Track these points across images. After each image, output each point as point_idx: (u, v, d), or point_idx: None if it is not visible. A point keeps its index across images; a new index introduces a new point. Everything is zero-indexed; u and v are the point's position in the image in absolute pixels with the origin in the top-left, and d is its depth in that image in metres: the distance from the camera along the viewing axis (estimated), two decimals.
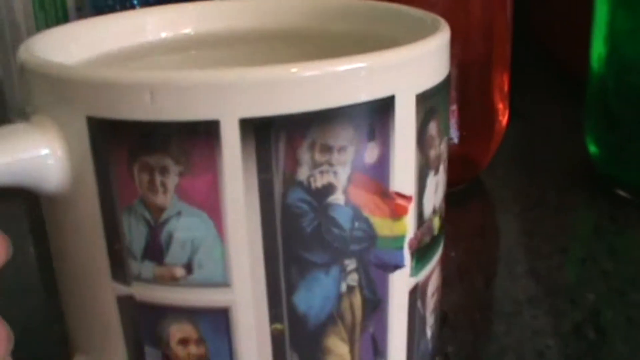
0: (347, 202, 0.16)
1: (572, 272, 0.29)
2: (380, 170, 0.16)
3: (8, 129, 0.15)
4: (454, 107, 0.33)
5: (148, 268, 0.16)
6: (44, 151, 0.15)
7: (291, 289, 0.16)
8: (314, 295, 0.16)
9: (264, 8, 0.22)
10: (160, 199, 0.15)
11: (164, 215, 0.15)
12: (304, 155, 0.15)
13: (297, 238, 0.16)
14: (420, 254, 0.18)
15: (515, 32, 0.35)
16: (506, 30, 0.34)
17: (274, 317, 0.16)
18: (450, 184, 0.35)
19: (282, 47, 0.22)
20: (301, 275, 0.16)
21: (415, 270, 0.18)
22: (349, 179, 0.16)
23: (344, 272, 0.17)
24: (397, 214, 0.17)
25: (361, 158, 0.16)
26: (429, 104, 0.17)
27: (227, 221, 0.15)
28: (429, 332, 0.19)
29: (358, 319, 0.17)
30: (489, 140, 0.35)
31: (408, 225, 0.17)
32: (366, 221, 0.16)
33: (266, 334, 0.16)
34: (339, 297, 0.17)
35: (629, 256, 0.30)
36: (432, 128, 0.17)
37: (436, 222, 0.18)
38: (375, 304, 0.17)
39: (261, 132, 0.14)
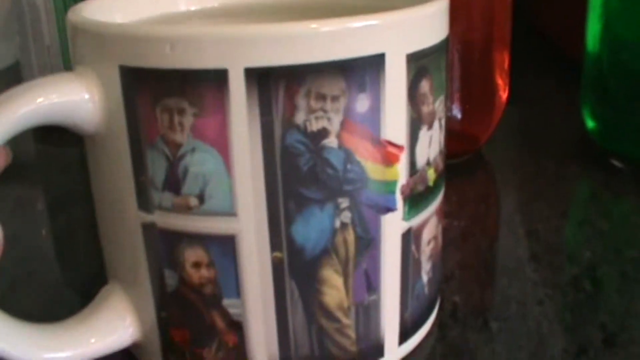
0: (340, 145, 0.18)
1: (570, 233, 0.31)
2: (371, 120, 0.18)
3: (56, 76, 0.18)
4: (456, 83, 0.35)
5: (167, 198, 0.18)
6: (84, 96, 0.18)
7: (290, 221, 0.18)
8: (311, 228, 0.19)
9: None
10: (178, 136, 0.18)
11: (181, 151, 0.18)
12: (301, 102, 0.17)
13: (294, 175, 0.18)
14: (413, 201, 0.20)
15: (515, 15, 0.37)
16: (506, 9, 0.36)
17: (274, 245, 0.19)
18: (453, 155, 0.36)
19: (300, 17, 0.25)
20: (299, 209, 0.18)
21: (408, 215, 0.20)
22: (342, 125, 0.18)
23: (337, 210, 0.19)
24: (389, 161, 0.19)
25: (353, 107, 0.18)
26: (420, 63, 0.19)
27: (233, 157, 0.18)
28: (424, 277, 0.21)
29: (351, 255, 0.19)
30: (490, 115, 0.37)
31: (400, 172, 0.19)
32: (358, 164, 0.18)
33: (267, 260, 0.19)
34: (333, 232, 0.19)
35: (623, 219, 0.32)
36: (424, 86, 0.19)
37: (431, 174, 0.20)
38: (368, 242, 0.19)
39: (263, 80, 0.17)
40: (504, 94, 0.38)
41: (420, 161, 0.20)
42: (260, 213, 0.18)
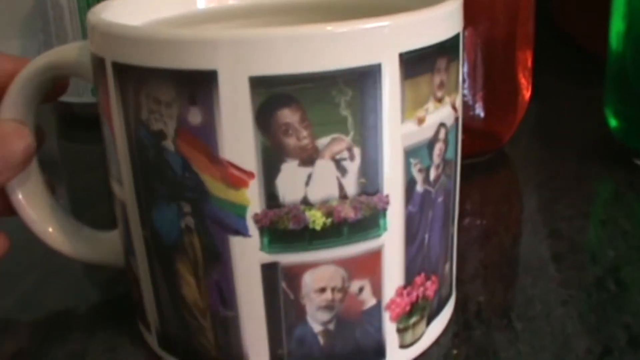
0: (177, 151, 0.19)
1: (593, 232, 0.31)
2: (207, 136, 0.18)
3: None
4: (479, 82, 0.35)
5: None
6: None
7: (150, 204, 0.20)
8: (163, 217, 0.20)
9: None
10: None
11: None
12: (144, 101, 0.19)
13: (146, 166, 0.20)
14: (277, 236, 0.19)
15: (538, 13, 0.37)
16: (529, 8, 0.36)
17: (143, 222, 0.21)
18: (476, 154, 0.38)
19: (312, 17, 0.25)
20: (153, 197, 0.20)
21: (269, 248, 0.19)
22: (177, 132, 0.19)
23: (180, 212, 0.20)
24: (233, 183, 0.19)
25: (185, 118, 0.18)
26: (275, 91, 0.18)
27: (116, 140, 0.21)
28: (314, 325, 0.20)
29: (200, 260, 0.20)
30: (513, 113, 0.37)
31: (251, 199, 0.19)
32: (196, 175, 0.19)
33: (139, 235, 0.21)
34: (180, 231, 0.20)
35: None
36: (286, 116, 0.18)
37: (315, 216, 0.19)
38: (216, 255, 0.20)
39: (122, 78, 0.19)
40: (527, 93, 0.38)
41: (288, 197, 0.19)
42: (131, 192, 0.21)
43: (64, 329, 0.25)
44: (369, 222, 0.20)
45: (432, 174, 0.21)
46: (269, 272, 0.20)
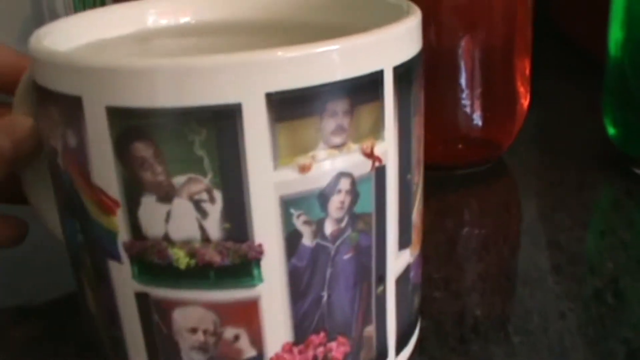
0: (64, 169, 0.19)
1: (592, 243, 0.31)
2: (80, 159, 0.18)
3: None
4: (477, 90, 0.34)
5: None
6: None
7: (61, 215, 0.21)
8: (68, 229, 0.21)
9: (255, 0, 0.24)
10: None
11: None
12: (50, 117, 0.19)
13: (52, 180, 0.21)
14: (146, 267, 0.18)
15: (536, 18, 0.36)
16: (527, 16, 0.35)
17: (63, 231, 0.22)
18: (474, 164, 0.37)
19: (263, 36, 0.24)
20: (60, 208, 0.21)
21: (139, 279, 0.19)
22: (62, 152, 0.19)
23: (74, 225, 0.20)
24: (105, 209, 0.18)
25: (65, 139, 0.19)
26: (130, 123, 0.17)
27: None
28: None
29: (91, 277, 0.20)
30: (511, 123, 0.37)
31: (119, 227, 0.18)
32: (77, 194, 0.19)
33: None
34: (78, 245, 0.20)
35: None
36: (140, 150, 0.17)
37: (179, 255, 0.18)
38: (100, 276, 0.20)
39: (39, 98, 0.20)
40: (525, 101, 0.37)
41: (151, 232, 0.18)
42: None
43: (75, 319, 0.26)
44: (239, 270, 0.18)
45: (328, 228, 0.19)
46: (142, 302, 0.19)
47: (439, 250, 0.30)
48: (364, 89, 0.18)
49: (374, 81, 0.18)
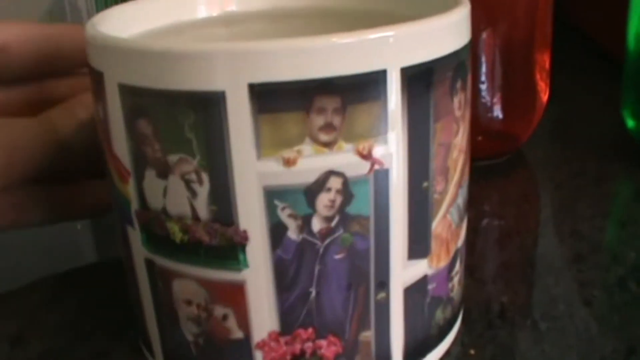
0: (100, 137, 0.21)
1: (613, 233, 0.31)
2: (105, 129, 0.20)
3: None
4: (498, 83, 0.34)
5: None
6: None
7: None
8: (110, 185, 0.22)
9: None
10: None
11: None
12: (92, 90, 0.21)
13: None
14: (152, 236, 0.20)
15: (555, 14, 0.36)
16: (548, 11, 0.35)
17: None
18: (494, 155, 0.38)
19: (313, 23, 0.24)
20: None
21: (147, 246, 0.20)
22: (98, 122, 0.21)
23: (110, 187, 0.21)
24: (120, 176, 0.20)
25: (97, 109, 0.20)
26: (134, 101, 0.18)
27: None
28: (185, 332, 0.20)
29: (119, 234, 0.22)
30: (530, 116, 0.37)
31: (131, 196, 0.20)
32: (105, 160, 0.21)
33: None
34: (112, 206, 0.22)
35: None
36: (143, 127, 0.18)
37: (174, 229, 0.19)
38: (124, 236, 0.21)
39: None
40: (544, 95, 0.37)
41: (153, 204, 0.19)
42: None
43: (89, 329, 0.26)
44: (226, 252, 0.19)
45: (316, 225, 0.18)
46: (150, 268, 0.21)
47: None
48: (359, 88, 0.17)
49: (372, 81, 0.17)
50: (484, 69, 0.34)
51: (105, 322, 0.26)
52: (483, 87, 0.34)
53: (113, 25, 0.22)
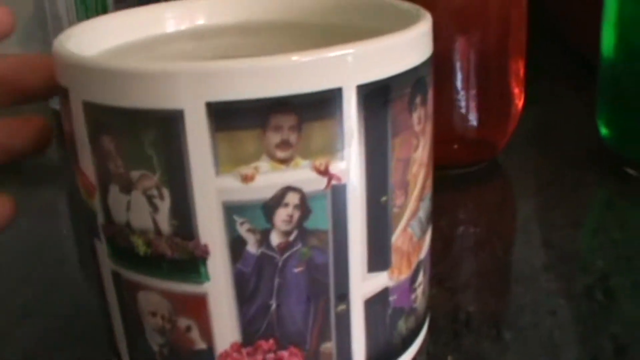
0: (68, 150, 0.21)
1: (583, 242, 0.32)
2: (72, 143, 0.20)
3: None
4: (472, 91, 0.35)
5: None
6: None
7: None
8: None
9: (267, 3, 0.25)
10: None
11: None
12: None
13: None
14: (117, 249, 0.20)
15: (531, 19, 0.37)
16: (522, 18, 0.36)
17: None
18: (469, 163, 0.38)
19: (282, 37, 0.24)
20: None
21: (113, 258, 0.20)
22: (65, 135, 0.21)
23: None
24: (88, 190, 0.20)
25: (65, 125, 0.21)
26: (96, 117, 0.18)
27: None
28: (151, 342, 0.21)
29: (88, 247, 0.22)
30: (505, 123, 0.37)
31: (97, 209, 0.20)
32: (74, 174, 0.21)
33: None
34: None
35: (637, 228, 0.32)
36: (106, 143, 0.19)
37: (138, 242, 0.19)
38: (92, 248, 0.22)
39: None
40: (519, 102, 0.37)
41: (117, 218, 0.20)
42: None
43: (65, 338, 0.26)
44: (187, 266, 0.19)
45: (275, 240, 0.19)
46: (117, 280, 0.21)
47: (433, 249, 0.30)
48: (314, 106, 0.18)
49: (328, 99, 0.18)
50: (458, 77, 0.35)
51: (80, 331, 0.26)
52: (458, 95, 0.35)
53: (82, 41, 0.22)
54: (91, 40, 0.23)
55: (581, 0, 0.49)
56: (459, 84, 0.35)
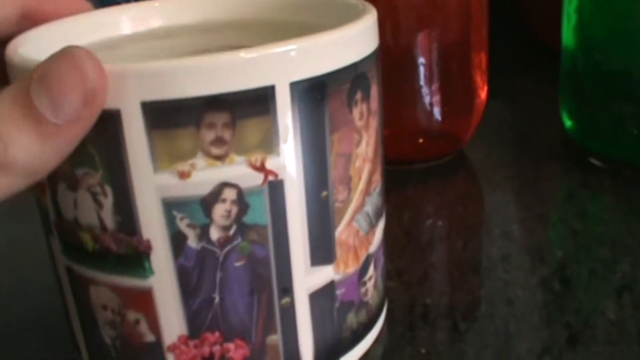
0: None
1: (544, 233, 0.32)
2: None
3: None
4: (436, 85, 0.35)
5: None
6: None
7: None
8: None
9: (220, 2, 0.26)
10: None
11: None
12: None
13: None
14: (66, 244, 0.21)
15: (494, 10, 0.37)
16: (483, 10, 0.36)
17: None
18: (435, 157, 0.38)
19: (232, 35, 0.25)
20: None
21: (63, 253, 0.21)
22: None
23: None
24: (39, 187, 0.21)
25: None
26: None
27: None
28: (104, 335, 0.21)
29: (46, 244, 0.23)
30: (470, 116, 0.37)
31: (49, 206, 0.21)
32: None
33: None
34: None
35: (598, 217, 0.33)
36: None
37: (85, 238, 0.20)
38: (48, 245, 0.22)
39: None
40: (483, 93, 0.37)
41: (66, 214, 0.20)
42: None
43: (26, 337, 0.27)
44: (132, 260, 0.20)
45: (214, 234, 0.19)
46: (70, 274, 0.22)
47: (395, 243, 0.31)
48: (247, 104, 0.18)
49: (261, 97, 0.18)
50: (421, 71, 0.35)
51: (42, 329, 0.27)
52: (421, 89, 0.35)
53: (39, 45, 0.23)
54: (47, 44, 0.23)
55: None
56: (422, 78, 0.35)
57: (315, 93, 0.19)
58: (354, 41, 0.20)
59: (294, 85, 0.19)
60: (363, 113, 0.21)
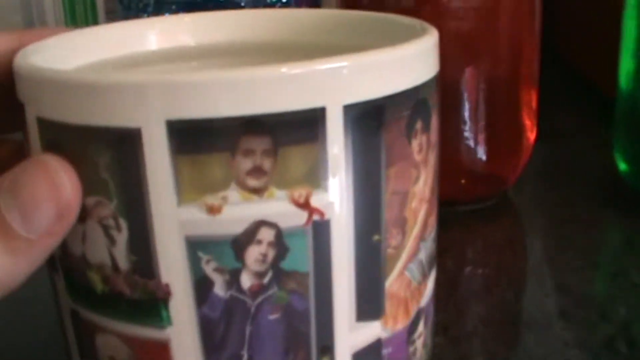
0: None
1: (603, 286, 0.29)
2: None
3: None
4: (481, 123, 0.33)
5: None
6: None
7: None
8: None
9: (259, 21, 0.23)
10: None
11: None
12: None
13: None
14: (72, 283, 0.18)
15: (543, 50, 0.35)
16: (534, 48, 0.34)
17: None
18: (479, 199, 0.36)
19: (267, 57, 0.22)
20: None
21: (71, 295, 0.18)
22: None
23: None
24: None
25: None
26: (49, 134, 0.16)
27: None
28: None
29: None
30: (516, 157, 0.35)
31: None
32: None
33: None
34: None
35: None
36: None
37: (94, 279, 0.17)
38: (52, 284, 0.19)
39: None
40: (531, 135, 0.35)
41: (73, 249, 0.17)
42: None
43: None
44: (147, 307, 0.17)
45: (246, 282, 0.16)
46: (75, 319, 0.19)
47: (438, 292, 0.27)
48: (292, 128, 0.15)
49: (308, 121, 0.15)
50: (466, 107, 0.33)
51: None
52: (466, 127, 0.33)
53: (52, 55, 0.20)
54: (63, 55, 0.21)
55: (597, 30, 0.47)
56: (466, 114, 0.33)
57: (371, 119, 0.16)
58: (416, 62, 0.17)
59: (348, 109, 0.16)
60: (422, 146, 0.18)
